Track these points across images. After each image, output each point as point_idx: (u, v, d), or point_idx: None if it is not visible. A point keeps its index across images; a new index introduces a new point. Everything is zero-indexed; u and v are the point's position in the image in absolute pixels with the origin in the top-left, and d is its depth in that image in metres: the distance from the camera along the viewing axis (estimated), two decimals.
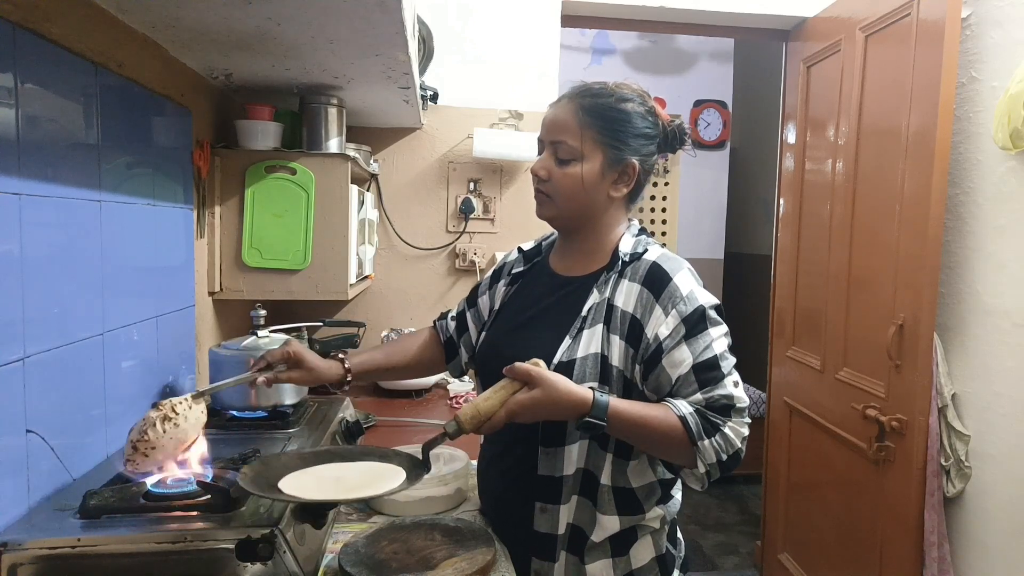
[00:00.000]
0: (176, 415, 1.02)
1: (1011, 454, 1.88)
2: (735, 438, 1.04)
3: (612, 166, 1.16)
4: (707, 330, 1.08)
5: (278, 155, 1.81)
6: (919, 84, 1.96)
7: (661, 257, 1.13)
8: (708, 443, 1.03)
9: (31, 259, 0.97)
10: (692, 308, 1.08)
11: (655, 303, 1.09)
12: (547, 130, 1.19)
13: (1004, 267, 1.91)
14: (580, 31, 4.21)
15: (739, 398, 1.06)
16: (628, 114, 1.16)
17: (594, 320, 1.13)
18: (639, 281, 1.11)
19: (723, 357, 1.08)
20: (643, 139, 1.17)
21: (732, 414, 1.05)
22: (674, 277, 1.10)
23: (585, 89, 1.19)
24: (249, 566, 0.87)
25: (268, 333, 1.46)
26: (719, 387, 1.05)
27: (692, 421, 1.03)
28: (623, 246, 1.17)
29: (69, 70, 1.08)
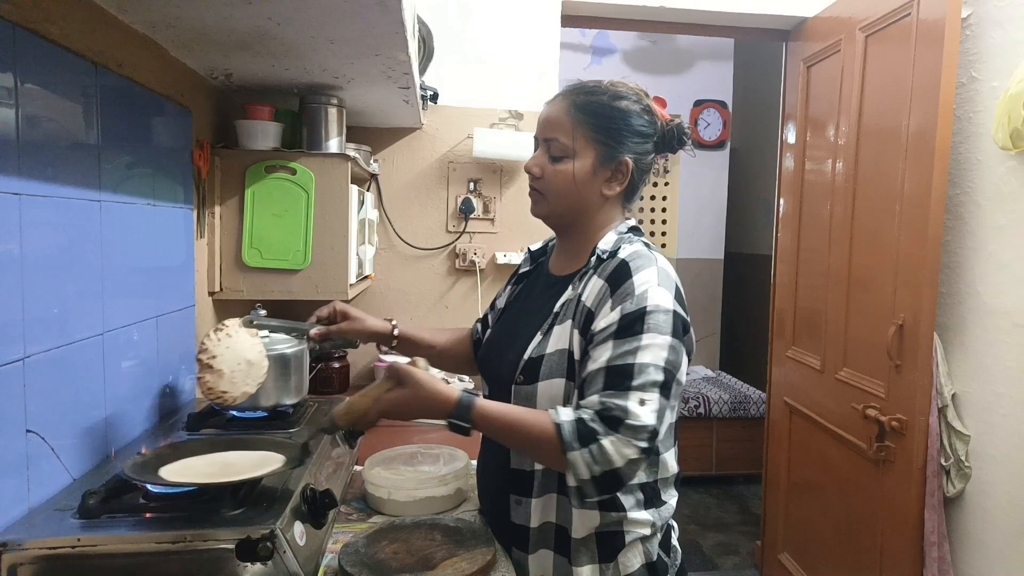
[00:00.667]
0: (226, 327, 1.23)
1: (1011, 454, 1.88)
2: (614, 455, 0.96)
3: (604, 164, 1.15)
4: (640, 334, 1.02)
5: (278, 155, 1.81)
6: (919, 84, 1.96)
7: (632, 255, 1.10)
8: (578, 454, 0.97)
9: (31, 259, 0.97)
10: (636, 307, 1.04)
11: (609, 297, 1.07)
12: (541, 127, 1.19)
13: (1004, 267, 1.91)
14: (580, 31, 4.21)
15: (635, 415, 0.97)
16: (622, 112, 1.15)
17: (564, 316, 1.13)
18: (604, 277, 1.10)
19: (642, 369, 1.00)
20: (637, 137, 1.16)
21: (620, 429, 0.97)
22: (634, 275, 1.07)
23: (579, 87, 1.18)
24: (249, 566, 0.87)
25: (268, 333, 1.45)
26: (619, 396, 0.99)
27: (568, 428, 0.98)
28: (602, 244, 1.15)
29: (69, 70, 1.08)
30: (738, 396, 3.97)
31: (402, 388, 1.03)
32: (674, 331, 1.05)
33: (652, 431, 0.98)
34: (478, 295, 2.65)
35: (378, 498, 1.40)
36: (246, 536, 0.88)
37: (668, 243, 4.64)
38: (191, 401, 1.59)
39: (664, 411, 1.01)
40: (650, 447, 0.99)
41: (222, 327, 1.22)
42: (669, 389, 1.03)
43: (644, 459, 0.99)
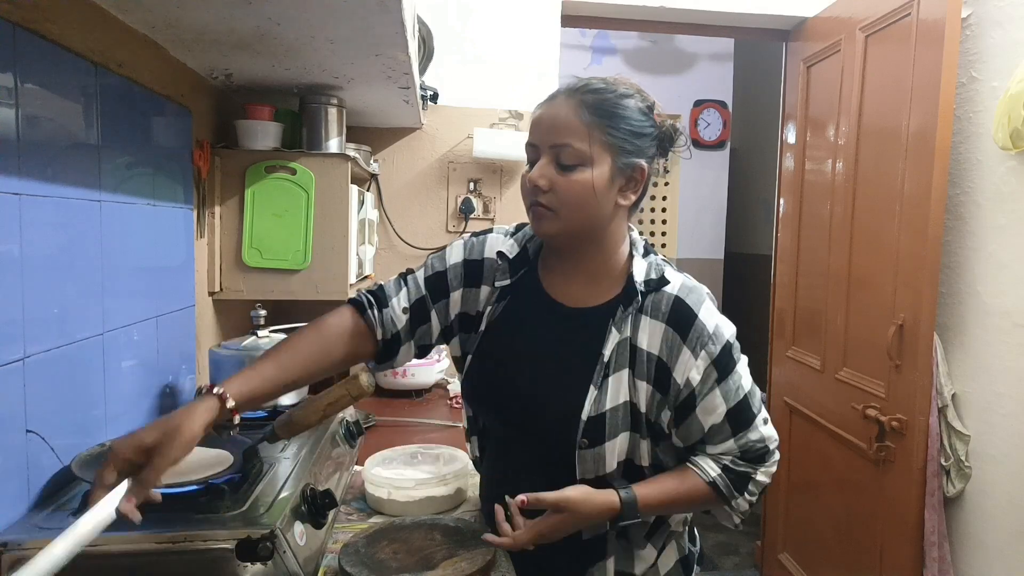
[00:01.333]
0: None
1: (1011, 454, 1.88)
2: (766, 480, 1.05)
3: (621, 171, 1.03)
4: (735, 369, 1.04)
5: (278, 155, 1.81)
6: (919, 84, 1.96)
7: (683, 290, 1.04)
8: (742, 500, 1.05)
9: (31, 259, 0.97)
10: (721, 347, 1.02)
11: (682, 344, 1.01)
12: (544, 132, 1.02)
13: (1004, 267, 1.91)
14: (580, 31, 4.21)
15: (771, 438, 1.06)
16: (634, 111, 1.04)
17: (618, 364, 1.02)
18: (662, 320, 1.02)
19: (751, 394, 1.05)
20: (647, 139, 1.05)
21: (767, 457, 1.05)
22: (699, 314, 1.02)
23: (585, 85, 1.05)
24: (249, 566, 0.87)
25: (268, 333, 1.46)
26: (752, 431, 1.04)
27: (722, 483, 1.03)
28: (636, 273, 1.05)
29: (69, 70, 1.08)
30: None
31: (559, 514, 0.99)
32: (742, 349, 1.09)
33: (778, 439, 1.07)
34: None
35: (378, 498, 1.40)
36: (246, 536, 0.88)
37: (668, 243, 4.64)
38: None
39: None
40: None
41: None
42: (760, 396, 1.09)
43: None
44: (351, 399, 1.05)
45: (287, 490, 1.03)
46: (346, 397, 1.05)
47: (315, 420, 1.06)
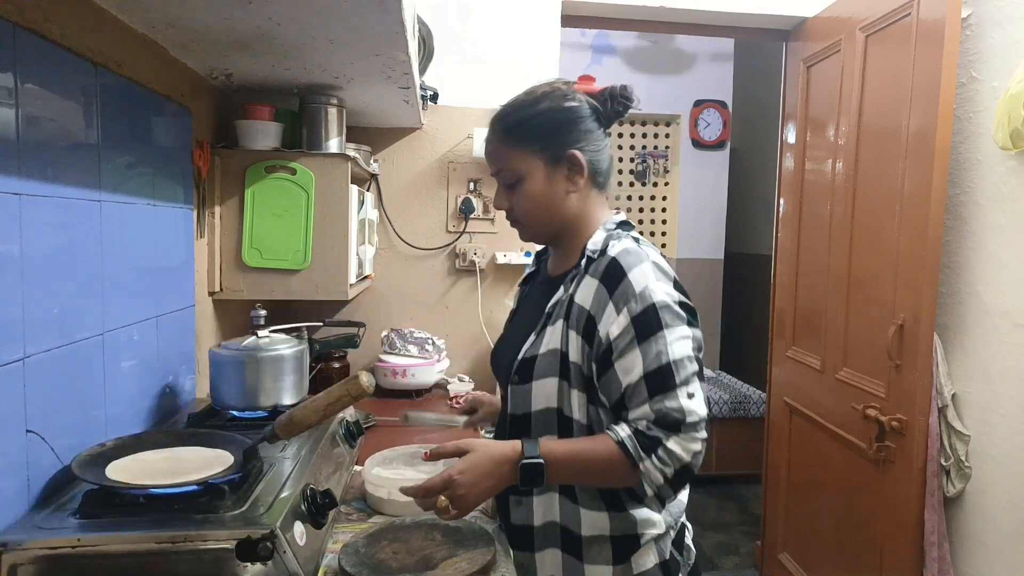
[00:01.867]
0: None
1: (1011, 454, 1.88)
2: (682, 453, 1.01)
3: (555, 166, 1.15)
4: (661, 331, 1.04)
5: (278, 155, 1.81)
6: (919, 84, 1.96)
7: (622, 252, 1.10)
8: (650, 463, 1.01)
9: (31, 259, 0.97)
10: (644, 306, 1.04)
11: (608, 300, 1.06)
12: (488, 163, 1.22)
13: (1004, 267, 1.91)
14: (580, 31, 4.21)
15: (690, 411, 1.02)
16: (547, 112, 1.15)
17: (556, 316, 1.13)
18: (598, 277, 1.10)
19: (679, 364, 1.04)
20: (571, 125, 1.15)
21: (681, 429, 1.01)
22: (629, 272, 1.06)
23: (500, 111, 1.20)
24: (249, 566, 0.87)
25: (268, 333, 1.45)
26: (669, 398, 1.02)
27: (630, 443, 1.02)
28: (591, 244, 1.15)
29: (69, 70, 1.08)
30: (738, 396, 3.97)
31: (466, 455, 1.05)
32: (687, 318, 1.07)
33: (705, 419, 1.04)
34: (478, 295, 2.65)
35: (378, 498, 1.40)
36: (246, 536, 0.88)
37: (668, 243, 4.64)
38: (191, 401, 1.59)
39: (705, 396, 1.07)
40: (707, 434, 1.04)
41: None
42: (701, 374, 1.07)
43: (704, 447, 1.04)
44: (351, 399, 1.05)
45: (287, 490, 1.03)
46: (346, 397, 1.05)
47: (315, 420, 1.06)
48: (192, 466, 1.03)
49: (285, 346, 1.42)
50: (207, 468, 1.02)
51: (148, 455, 1.08)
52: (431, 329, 2.56)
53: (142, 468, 1.02)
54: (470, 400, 1.48)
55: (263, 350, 1.39)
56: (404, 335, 2.46)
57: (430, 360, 2.41)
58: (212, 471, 1.00)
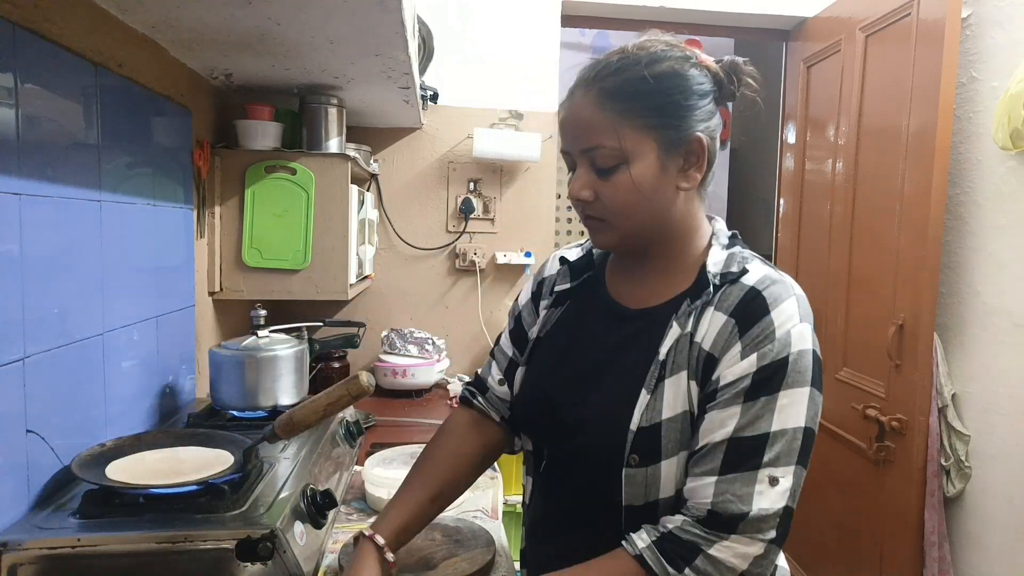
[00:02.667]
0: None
1: (1011, 454, 1.88)
2: (732, 560, 0.76)
3: (672, 152, 0.86)
4: (778, 391, 0.79)
5: (278, 155, 1.81)
6: (919, 84, 1.96)
7: (763, 280, 0.84)
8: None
9: (31, 259, 0.97)
10: (778, 356, 0.80)
11: (739, 339, 0.81)
12: (572, 137, 0.89)
13: (1004, 267, 1.91)
14: (580, 31, 4.20)
15: (763, 508, 0.77)
16: (669, 76, 0.85)
17: (676, 366, 0.85)
18: (727, 311, 0.83)
19: (778, 437, 0.79)
20: (698, 99, 0.86)
21: (739, 528, 0.77)
22: (772, 310, 0.81)
23: (601, 68, 0.87)
24: (249, 566, 0.87)
25: (268, 333, 1.45)
26: (743, 480, 0.78)
27: (650, 555, 0.78)
28: (712, 264, 0.88)
29: (69, 70, 1.08)
30: None
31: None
32: (815, 378, 0.82)
33: (783, 515, 0.79)
34: (478, 295, 2.65)
35: (378, 498, 1.40)
36: (246, 536, 0.88)
37: None
38: (191, 401, 1.59)
39: (800, 482, 0.82)
40: (783, 533, 0.79)
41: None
42: (807, 452, 0.81)
43: (776, 549, 0.79)
44: (351, 399, 1.05)
45: (287, 490, 1.03)
46: (346, 397, 1.05)
47: (315, 420, 1.05)
48: (192, 466, 1.03)
49: (285, 346, 1.42)
50: (207, 468, 1.02)
51: (148, 455, 1.08)
52: (431, 329, 2.56)
53: (142, 468, 1.02)
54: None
55: (263, 350, 1.39)
56: (404, 335, 2.46)
57: (430, 360, 2.41)
58: (212, 471, 1.00)
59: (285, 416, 1.06)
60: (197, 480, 0.97)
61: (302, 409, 1.05)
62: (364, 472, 1.45)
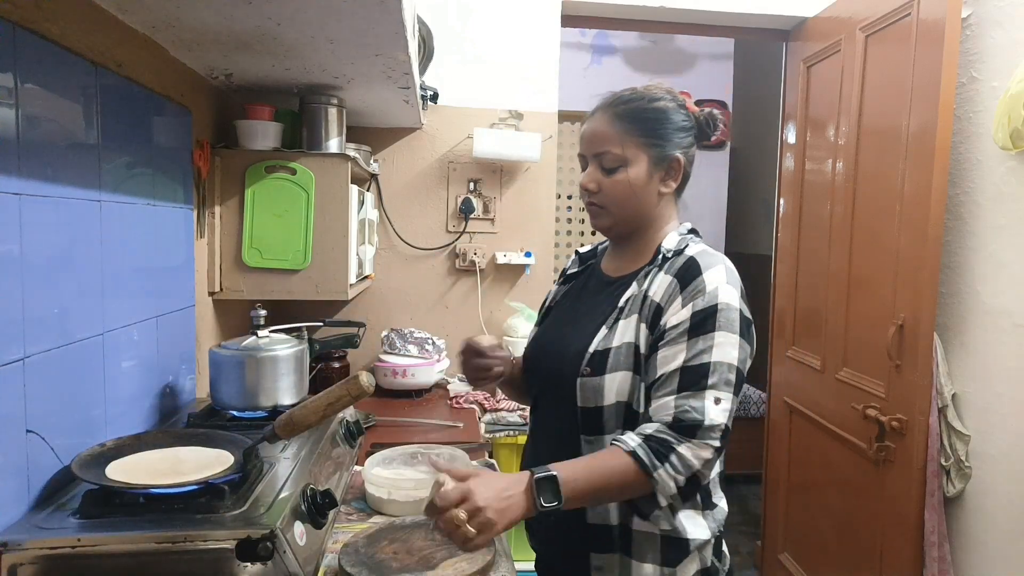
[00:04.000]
0: None
1: (1011, 454, 1.88)
2: (692, 459, 1.00)
3: (658, 164, 1.18)
4: (713, 332, 1.05)
5: (278, 155, 1.81)
6: (919, 84, 1.96)
7: (700, 253, 1.13)
8: (664, 471, 1.00)
9: (31, 259, 0.97)
10: (707, 304, 1.06)
11: (679, 294, 1.09)
12: (588, 144, 1.21)
13: (1004, 267, 1.91)
14: (580, 31, 4.21)
15: (712, 418, 1.01)
16: (663, 111, 1.18)
17: (630, 311, 1.14)
18: (673, 273, 1.12)
19: (718, 367, 1.04)
20: (681, 132, 1.19)
21: (697, 433, 1.01)
22: (704, 272, 1.09)
23: (616, 97, 1.21)
24: (249, 566, 0.87)
25: (268, 333, 1.45)
26: (696, 397, 1.02)
27: (643, 452, 1.01)
28: (666, 243, 1.18)
29: (69, 70, 1.08)
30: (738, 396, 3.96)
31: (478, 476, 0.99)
32: (743, 330, 1.08)
33: (724, 430, 1.02)
34: (478, 295, 2.65)
35: (378, 498, 1.40)
36: (246, 536, 0.88)
37: None
38: (191, 401, 1.59)
39: (733, 410, 1.05)
40: (722, 446, 1.03)
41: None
42: (738, 388, 1.06)
43: (717, 457, 1.03)
44: (351, 399, 1.05)
45: (287, 490, 1.03)
46: (346, 397, 1.05)
47: (315, 420, 1.06)
48: (192, 466, 1.03)
49: (285, 346, 1.42)
50: (207, 468, 1.02)
51: (148, 455, 1.08)
52: (431, 329, 2.56)
53: (142, 468, 1.02)
54: (496, 352, 1.31)
55: (263, 350, 1.39)
56: (404, 335, 2.46)
57: (430, 360, 2.41)
58: (212, 471, 1.00)
59: (285, 416, 1.06)
60: (197, 480, 0.97)
61: (302, 409, 1.05)
62: (364, 472, 1.45)
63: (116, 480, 0.97)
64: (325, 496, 1.07)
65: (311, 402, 1.06)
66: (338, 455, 1.36)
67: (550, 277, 2.73)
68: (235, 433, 1.16)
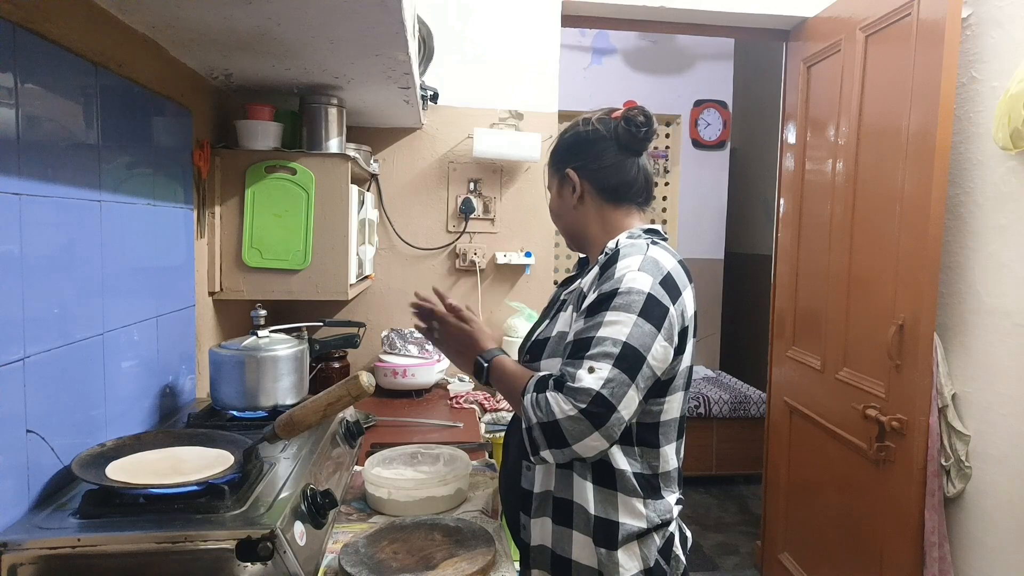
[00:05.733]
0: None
1: (1011, 454, 1.88)
2: (553, 407, 1.04)
3: (562, 183, 1.31)
4: (605, 311, 1.10)
5: (278, 155, 1.81)
6: (919, 84, 1.96)
7: (626, 245, 1.19)
8: (529, 399, 1.09)
9: (31, 259, 0.97)
10: (611, 288, 1.11)
11: (598, 282, 1.16)
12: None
13: (1004, 267, 1.91)
14: (580, 31, 4.21)
15: (580, 379, 1.05)
16: (565, 137, 1.32)
17: (567, 304, 1.24)
18: (599, 265, 1.19)
19: (599, 341, 1.07)
20: (577, 148, 1.29)
21: (564, 390, 1.05)
22: (620, 260, 1.15)
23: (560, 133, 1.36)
24: (249, 566, 0.87)
25: (268, 333, 1.45)
26: (574, 364, 1.08)
27: (532, 380, 1.12)
28: (610, 243, 1.23)
29: (69, 70, 1.08)
30: (738, 396, 3.97)
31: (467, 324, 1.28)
32: (645, 312, 1.09)
33: (595, 396, 1.03)
34: (478, 295, 2.65)
35: (378, 498, 1.40)
36: (246, 536, 0.88)
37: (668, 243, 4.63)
38: (191, 401, 1.59)
39: (620, 384, 1.05)
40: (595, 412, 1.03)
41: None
42: (629, 364, 1.06)
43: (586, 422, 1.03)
44: (351, 399, 1.05)
45: (287, 490, 1.03)
46: (346, 397, 1.05)
47: (315, 420, 1.06)
48: (192, 466, 1.03)
49: (285, 346, 1.42)
50: (207, 468, 1.02)
51: (148, 455, 1.08)
52: None
53: (142, 468, 1.02)
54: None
55: (263, 350, 1.39)
56: (404, 335, 2.46)
57: (430, 360, 2.41)
58: (212, 471, 1.00)
59: (285, 416, 1.06)
60: (197, 480, 0.97)
61: (302, 409, 1.06)
62: (364, 472, 1.45)
63: (116, 480, 0.97)
64: (325, 496, 1.07)
65: (311, 402, 1.06)
66: (338, 455, 1.36)
67: (550, 277, 2.73)
68: (235, 433, 1.16)
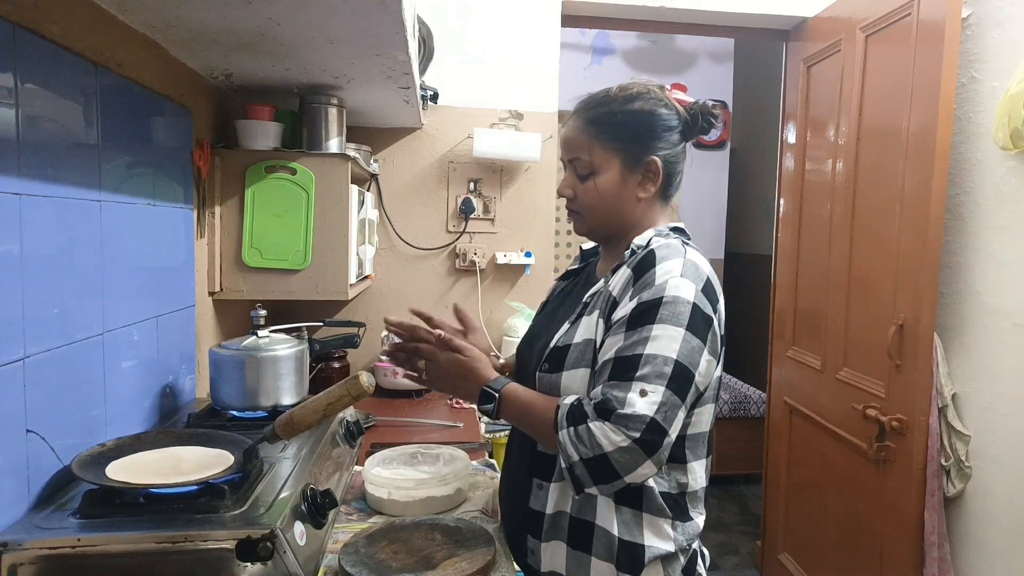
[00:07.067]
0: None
1: (1011, 454, 1.88)
2: (601, 439, 0.95)
3: (632, 169, 1.15)
4: (652, 324, 1.00)
5: (278, 155, 1.81)
6: (919, 84, 1.96)
7: (663, 246, 1.08)
8: (565, 433, 0.98)
9: (31, 259, 0.97)
10: (653, 297, 1.02)
11: (632, 286, 1.06)
12: (563, 149, 1.20)
13: (1004, 267, 1.91)
14: (580, 31, 4.21)
15: (631, 404, 0.95)
16: (637, 113, 1.14)
17: (593, 307, 1.12)
18: (631, 267, 1.08)
19: (650, 359, 0.98)
20: (658, 132, 1.15)
21: (612, 418, 0.96)
22: (658, 264, 1.05)
23: (589, 100, 1.18)
24: (249, 566, 0.87)
25: (268, 333, 1.45)
26: (620, 387, 0.97)
27: (563, 411, 1.01)
28: (638, 239, 1.14)
29: (69, 70, 1.08)
30: (738, 396, 3.97)
31: (462, 356, 1.14)
32: (692, 325, 1.01)
33: (649, 423, 0.94)
34: (478, 295, 2.65)
35: (378, 498, 1.40)
36: (246, 536, 0.88)
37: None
38: (191, 401, 1.59)
39: (673, 407, 0.97)
40: (649, 440, 0.94)
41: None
42: (679, 384, 0.98)
43: (640, 451, 0.94)
44: (351, 399, 1.05)
45: (287, 490, 1.03)
46: (346, 397, 1.05)
47: (315, 420, 1.06)
48: (192, 466, 1.03)
49: (285, 346, 1.42)
50: (207, 468, 1.02)
51: (148, 455, 1.08)
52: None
53: (142, 468, 1.02)
54: (464, 317, 1.37)
55: (263, 350, 1.39)
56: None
57: None
58: (212, 471, 1.00)
59: (285, 416, 1.06)
60: (197, 480, 0.97)
61: (302, 409, 1.06)
62: (364, 472, 1.45)
63: (116, 480, 0.97)
64: (325, 496, 1.07)
65: (311, 402, 1.06)
66: (338, 455, 1.36)
67: (550, 277, 2.73)
68: (235, 433, 1.16)
